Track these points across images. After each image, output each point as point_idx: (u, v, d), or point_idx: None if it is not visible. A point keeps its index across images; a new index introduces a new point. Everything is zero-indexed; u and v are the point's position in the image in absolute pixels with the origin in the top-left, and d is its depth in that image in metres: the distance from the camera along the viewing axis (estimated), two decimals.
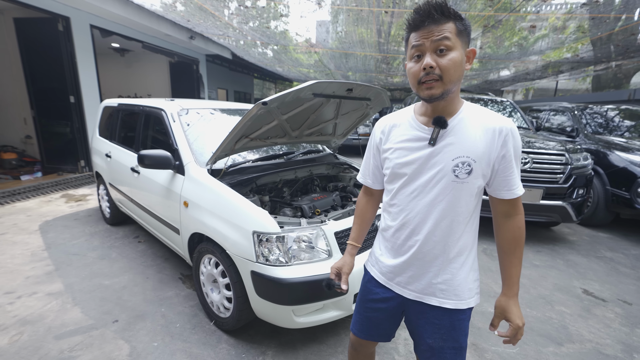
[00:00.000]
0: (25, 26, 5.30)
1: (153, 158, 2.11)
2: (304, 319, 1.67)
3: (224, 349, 1.83)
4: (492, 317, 1.00)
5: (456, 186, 0.90)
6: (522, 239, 0.97)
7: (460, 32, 0.85)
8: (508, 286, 0.98)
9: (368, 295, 1.12)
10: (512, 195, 0.92)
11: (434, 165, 0.91)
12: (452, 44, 0.83)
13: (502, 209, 0.96)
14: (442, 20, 0.83)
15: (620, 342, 2.03)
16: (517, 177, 0.92)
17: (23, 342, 1.82)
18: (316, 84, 1.70)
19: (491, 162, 0.89)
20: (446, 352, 1.00)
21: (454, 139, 0.90)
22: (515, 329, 0.94)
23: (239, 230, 1.70)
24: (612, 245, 3.62)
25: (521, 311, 0.97)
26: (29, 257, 2.83)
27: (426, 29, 0.84)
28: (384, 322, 1.12)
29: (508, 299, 0.97)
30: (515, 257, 0.97)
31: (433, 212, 0.93)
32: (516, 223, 0.96)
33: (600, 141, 4.28)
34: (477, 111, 0.92)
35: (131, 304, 2.22)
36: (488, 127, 0.88)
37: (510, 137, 0.88)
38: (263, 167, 2.37)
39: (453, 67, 0.84)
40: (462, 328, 0.99)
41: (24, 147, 6.30)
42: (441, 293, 0.97)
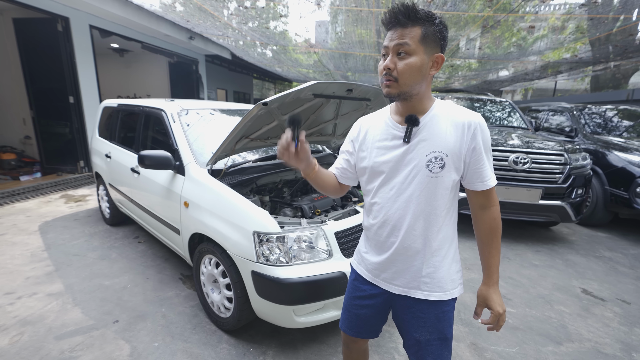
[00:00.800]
0: (25, 26, 5.30)
1: (153, 158, 2.12)
2: (304, 318, 1.68)
3: (225, 349, 1.83)
4: (476, 306, 1.05)
5: (431, 180, 0.94)
6: (498, 230, 1.00)
7: (425, 37, 0.88)
8: (488, 275, 1.02)
9: (355, 292, 1.15)
10: (485, 187, 0.97)
11: (409, 162, 0.95)
12: (411, 49, 0.87)
13: (477, 201, 1.01)
14: (408, 24, 0.87)
15: (619, 341, 2.03)
16: (488, 169, 0.96)
17: (24, 343, 1.82)
18: (316, 84, 1.70)
19: (462, 155, 0.93)
20: (432, 344, 1.02)
21: (426, 135, 0.94)
22: (496, 315, 0.98)
23: (239, 231, 1.71)
24: (610, 244, 3.63)
25: (502, 299, 1.01)
26: (29, 257, 2.83)
27: (394, 30, 0.89)
28: (372, 319, 1.14)
29: (488, 288, 1.01)
30: (493, 248, 1.01)
31: (411, 207, 0.97)
32: (491, 214, 1.00)
33: (599, 141, 4.30)
34: (448, 108, 0.96)
35: (131, 304, 2.22)
36: (457, 122, 0.93)
37: (478, 130, 0.92)
38: (263, 167, 2.37)
39: (408, 71, 0.88)
40: (446, 319, 1.02)
41: (23, 148, 6.29)
42: (425, 286, 1.00)
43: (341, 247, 1.75)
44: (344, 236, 1.79)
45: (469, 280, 2.70)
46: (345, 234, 1.81)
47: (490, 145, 0.97)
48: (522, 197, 3.32)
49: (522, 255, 3.24)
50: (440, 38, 0.90)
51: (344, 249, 1.76)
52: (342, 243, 1.77)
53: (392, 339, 1.96)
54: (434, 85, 13.44)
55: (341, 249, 1.75)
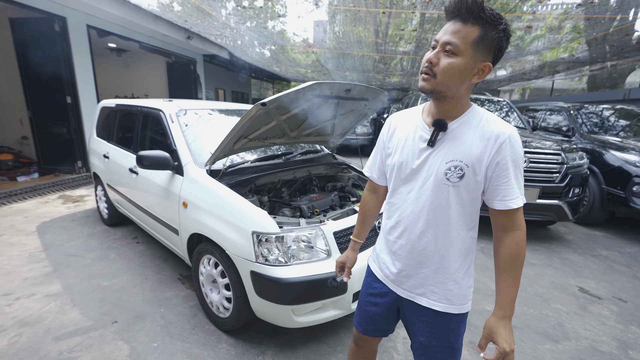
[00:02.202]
0: (21, 26, 5.27)
1: (152, 159, 2.12)
2: (303, 318, 1.68)
3: (224, 349, 1.83)
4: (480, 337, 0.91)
5: (447, 189, 0.90)
6: (520, 257, 0.88)
7: (479, 41, 0.81)
8: (500, 306, 0.88)
9: (368, 289, 1.16)
10: (504, 207, 0.87)
11: (430, 166, 0.93)
12: (459, 50, 0.82)
13: (499, 222, 0.91)
14: (468, 21, 0.81)
15: (616, 339, 2.05)
16: (513, 188, 0.86)
17: (22, 344, 1.82)
18: (315, 84, 1.71)
19: (484, 168, 0.87)
20: (438, 350, 1.00)
21: (451, 142, 0.90)
22: (501, 353, 0.83)
23: (238, 231, 1.71)
24: (607, 243, 3.66)
25: (513, 336, 0.86)
26: (27, 258, 2.82)
27: (452, 23, 0.84)
28: (380, 317, 1.14)
29: (498, 320, 0.87)
30: (511, 276, 0.88)
31: (424, 213, 0.95)
32: (514, 239, 0.88)
33: (596, 140, 4.32)
34: (482, 117, 0.90)
35: (130, 304, 2.22)
36: (486, 133, 0.87)
37: (507, 144, 0.85)
38: (262, 167, 2.37)
39: (449, 71, 0.83)
40: (454, 329, 0.99)
41: (20, 148, 6.27)
42: (432, 295, 0.98)
43: (340, 247, 1.76)
44: (342, 236, 1.80)
45: None
46: (344, 234, 1.81)
47: (520, 163, 0.87)
48: None
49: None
50: (497, 47, 0.83)
51: (342, 249, 1.76)
52: (340, 243, 1.77)
53: (390, 337, 1.97)
54: None
55: (340, 249, 1.75)
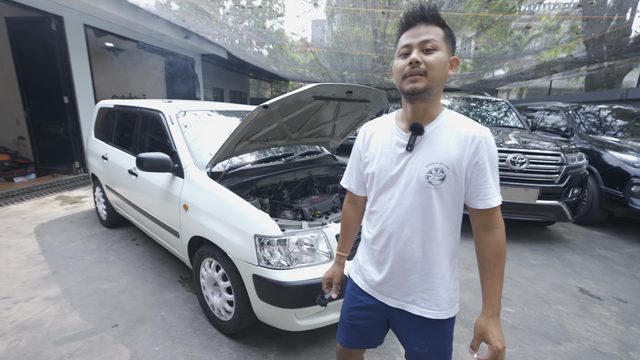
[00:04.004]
0: (17, 25, 5.21)
1: (152, 161, 2.10)
2: (306, 321, 1.67)
3: (226, 352, 1.82)
4: (472, 338, 0.93)
5: (430, 192, 0.90)
6: (502, 255, 0.91)
7: (446, 38, 0.89)
8: (488, 305, 0.91)
9: (352, 303, 1.12)
10: (485, 206, 0.90)
11: (410, 171, 0.93)
12: (438, 45, 0.87)
13: (480, 221, 0.93)
14: (432, 23, 0.88)
15: (617, 340, 2.06)
16: (492, 187, 0.89)
17: (21, 349, 1.80)
18: (317, 86, 1.70)
19: (463, 169, 0.89)
20: (432, 357, 1.00)
21: (429, 145, 0.91)
22: (494, 352, 0.86)
23: (240, 234, 1.70)
24: (606, 243, 3.68)
25: (502, 333, 0.89)
26: (25, 261, 2.80)
27: (417, 28, 0.88)
28: (370, 330, 1.12)
29: (488, 319, 0.90)
30: (496, 275, 0.91)
31: (409, 218, 0.94)
32: (495, 237, 0.91)
33: (594, 141, 4.34)
34: (455, 119, 0.93)
35: (130, 307, 2.20)
36: (462, 135, 0.89)
37: (484, 144, 0.88)
38: (262, 169, 2.36)
39: (438, 64, 0.86)
40: (446, 334, 1.00)
41: (17, 149, 6.22)
42: (423, 302, 0.97)
43: None
44: None
45: (469, 280, 2.71)
46: None
47: (496, 162, 0.91)
48: (520, 197, 3.34)
49: (519, 254, 3.27)
50: (453, 42, 0.92)
51: None
52: None
53: (393, 340, 1.96)
54: None
55: None
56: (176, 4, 6.19)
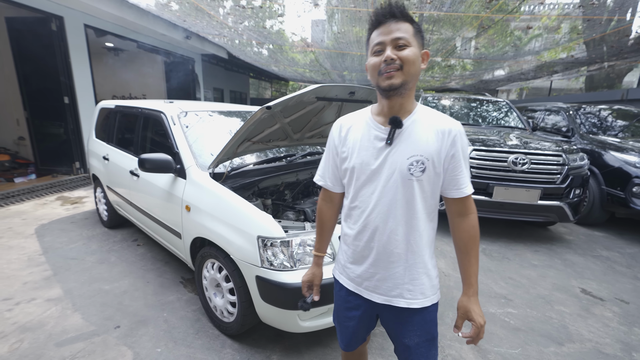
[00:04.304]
0: (18, 26, 5.21)
1: (154, 162, 2.09)
2: (309, 323, 1.67)
3: (229, 354, 1.82)
4: (456, 318, 1.01)
5: (412, 184, 0.94)
6: (477, 238, 1.00)
7: (416, 33, 0.92)
8: (468, 285, 0.99)
9: (344, 304, 1.13)
10: (461, 194, 0.97)
11: (391, 164, 0.95)
12: (410, 41, 0.90)
13: (455, 209, 1.00)
14: (401, 20, 0.91)
15: (619, 341, 2.06)
16: (465, 177, 0.96)
17: (24, 350, 1.79)
18: (320, 87, 1.69)
19: (442, 161, 0.94)
20: (422, 346, 1.03)
21: (408, 138, 0.94)
22: (477, 327, 0.95)
23: (243, 235, 1.69)
24: (607, 244, 3.68)
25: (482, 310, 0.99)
26: (26, 261, 2.79)
27: (387, 26, 0.91)
28: (360, 329, 1.14)
29: (469, 298, 0.98)
30: (472, 256, 0.99)
31: (393, 211, 0.96)
32: (470, 222, 0.99)
33: (595, 141, 4.34)
34: (429, 113, 0.98)
35: (132, 309, 2.20)
36: (438, 128, 0.94)
37: (458, 137, 0.94)
38: (264, 170, 2.36)
39: (412, 59, 0.90)
40: (432, 320, 1.04)
41: (17, 149, 6.21)
42: (409, 293, 0.99)
43: None
44: None
45: None
46: None
47: (468, 154, 0.98)
48: (522, 197, 3.34)
49: (521, 255, 3.27)
50: (422, 37, 0.95)
51: None
52: None
53: None
54: (431, 85, 13.48)
55: None
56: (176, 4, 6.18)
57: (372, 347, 1.91)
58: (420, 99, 5.27)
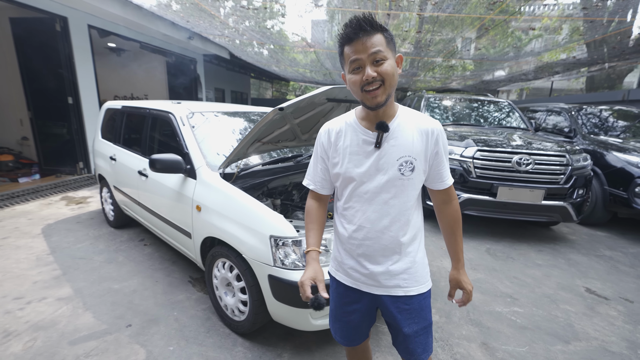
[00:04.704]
0: (22, 26, 5.22)
1: (164, 162, 2.11)
2: (321, 321, 1.69)
3: (240, 352, 1.84)
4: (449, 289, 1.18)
5: (403, 183, 1.00)
6: (460, 219, 1.14)
7: (388, 42, 0.93)
8: (456, 260, 1.16)
9: (343, 299, 1.16)
10: (445, 186, 1.09)
11: (382, 166, 1.00)
12: (385, 54, 0.92)
13: (440, 198, 1.12)
14: (372, 32, 0.91)
15: (625, 340, 2.08)
16: (447, 170, 1.08)
17: (37, 348, 1.81)
18: (330, 89, 1.72)
19: (428, 159, 1.02)
20: (420, 334, 1.10)
21: (396, 140, 1.00)
22: (468, 293, 1.14)
23: (255, 235, 1.72)
24: (610, 244, 3.70)
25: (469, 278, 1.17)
26: (35, 261, 2.81)
27: (359, 41, 0.91)
28: (362, 323, 1.18)
29: (458, 271, 1.15)
30: (458, 235, 1.15)
31: (386, 209, 1.02)
32: (453, 207, 1.13)
33: (597, 142, 4.37)
34: (410, 114, 1.03)
35: (143, 308, 2.22)
36: (422, 129, 1.01)
37: (440, 136, 1.02)
38: (273, 170, 2.38)
39: (391, 72, 0.92)
40: (428, 306, 1.12)
41: (20, 149, 6.22)
42: (404, 282, 1.06)
43: None
44: None
45: (476, 280, 2.73)
46: None
47: (447, 149, 1.07)
48: (525, 197, 3.37)
49: (525, 255, 3.29)
50: (394, 41, 0.97)
51: None
52: None
53: None
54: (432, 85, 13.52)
55: None
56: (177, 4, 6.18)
57: (382, 346, 1.94)
58: (423, 100, 5.30)
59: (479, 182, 3.42)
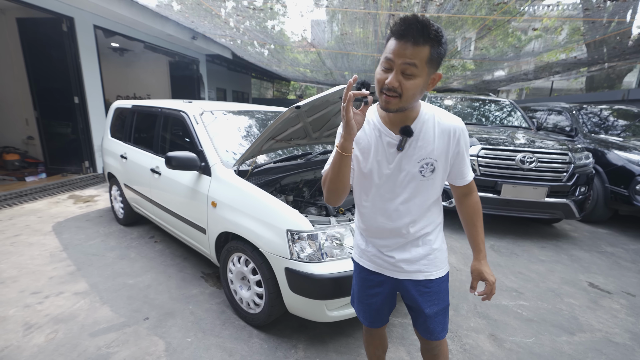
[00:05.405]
0: (28, 26, 5.27)
1: (180, 159, 2.17)
2: (336, 312, 1.75)
3: (257, 343, 1.90)
4: (471, 280, 1.19)
5: (425, 183, 1.04)
6: (480, 210, 1.17)
7: (431, 60, 0.87)
8: (477, 251, 1.17)
9: (365, 283, 1.24)
10: (466, 182, 1.12)
11: (403, 167, 1.03)
12: (418, 71, 0.87)
13: (461, 192, 1.17)
14: (420, 42, 0.84)
15: (628, 331, 2.15)
16: (468, 167, 1.11)
17: (60, 340, 1.86)
18: (344, 88, 1.77)
19: (449, 159, 1.04)
20: (439, 314, 1.17)
21: (417, 143, 1.01)
22: (490, 284, 1.13)
23: (272, 229, 1.77)
24: (612, 240, 3.77)
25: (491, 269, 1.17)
26: (48, 257, 2.86)
27: (403, 44, 0.85)
28: (384, 306, 1.25)
29: (480, 262, 1.16)
30: (478, 227, 1.17)
31: (408, 208, 1.07)
32: (474, 199, 1.17)
33: (598, 140, 4.44)
34: (432, 114, 1.03)
35: (158, 302, 2.27)
36: (444, 129, 1.01)
37: (462, 135, 1.03)
38: (285, 167, 2.44)
39: (413, 89, 0.89)
40: (446, 289, 1.19)
41: (26, 148, 6.26)
42: (425, 267, 1.13)
43: None
44: None
45: None
46: None
47: (469, 147, 1.09)
48: (529, 195, 3.43)
49: (528, 251, 3.36)
50: (442, 59, 0.91)
51: None
52: None
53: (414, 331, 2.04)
54: None
55: None
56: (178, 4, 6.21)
57: (393, 337, 1.99)
58: (426, 99, 5.36)
59: (483, 180, 3.48)
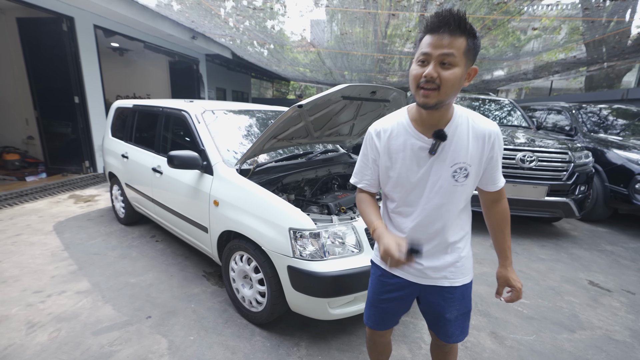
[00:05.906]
0: (28, 26, 5.26)
1: (182, 158, 2.17)
2: (338, 310, 1.76)
3: (259, 341, 1.90)
4: (497, 286, 1.18)
5: (457, 189, 1.01)
6: (509, 218, 1.14)
7: (468, 50, 0.87)
8: (504, 258, 1.15)
9: (383, 287, 1.19)
10: (497, 188, 1.09)
11: (436, 172, 1.00)
12: (457, 61, 0.86)
13: (491, 197, 1.13)
14: (456, 33, 0.84)
15: (628, 329, 2.16)
16: (500, 173, 1.08)
17: (63, 338, 1.87)
18: (347, 87, 1.78)
19: (482, 164, 1.02)
20: (459, 319, 1.16)
21: (450, 147, 0.98)
22: (517, 290, 1.12)
23: (274, 228, 1.78)
24: (611, 239, 3.79)
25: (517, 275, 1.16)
26: (50, 257, 2.86)
27: (440, 36, 0.85)
28: (400, 310, 1.23)
29: (506, 268, 1.15)
30: (506, 234, 1.15)
31: (439, 214, 1.03)
32: (503, 205, 1.13)
33: (598, 139, 4.45)
34: (466, 117, 1.00)
35: (160, 300, 2.28)
36: (478, 133, 0.98)
37: (497, 140, 1.00)
38: (286, 166, 2.45)
39: (452, 81, 0.87)
40: (469, 295, 1.17)
41: (26, 148, 6.26)
42: (451, 274, 1.10)
43: (371, 243, 1.84)
44: None
45: (482, 274, 2.81)
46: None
47: (502, 151, 1.05)
48: (529, 194, 3.44)
49: (529, 249, 3.37)
50: (477, 52, 0.90)
51: (373, 244, 1.84)
52: (371, 238, 1.85)
53: (416, 329, 2.06)
54: None
55: (371, 244, 1.83)
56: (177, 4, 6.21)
57: (395, 335, 2.00)
58: None
59: None
